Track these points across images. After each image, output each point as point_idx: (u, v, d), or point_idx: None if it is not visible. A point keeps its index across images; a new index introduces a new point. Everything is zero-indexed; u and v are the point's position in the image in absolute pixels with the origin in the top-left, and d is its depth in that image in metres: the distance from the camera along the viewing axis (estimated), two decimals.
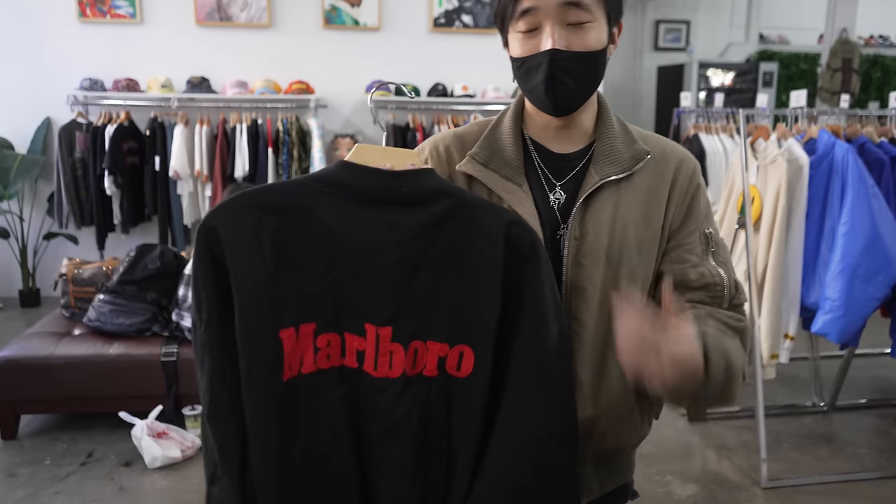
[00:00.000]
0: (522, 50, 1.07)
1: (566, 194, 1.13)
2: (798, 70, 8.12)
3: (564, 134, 1.16)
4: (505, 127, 1.17)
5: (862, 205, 2.69)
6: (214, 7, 4.94)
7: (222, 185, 4.71)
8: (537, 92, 1.08)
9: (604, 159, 1.13)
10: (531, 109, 1.16)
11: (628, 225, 1.11)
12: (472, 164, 1.13)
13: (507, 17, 1.07)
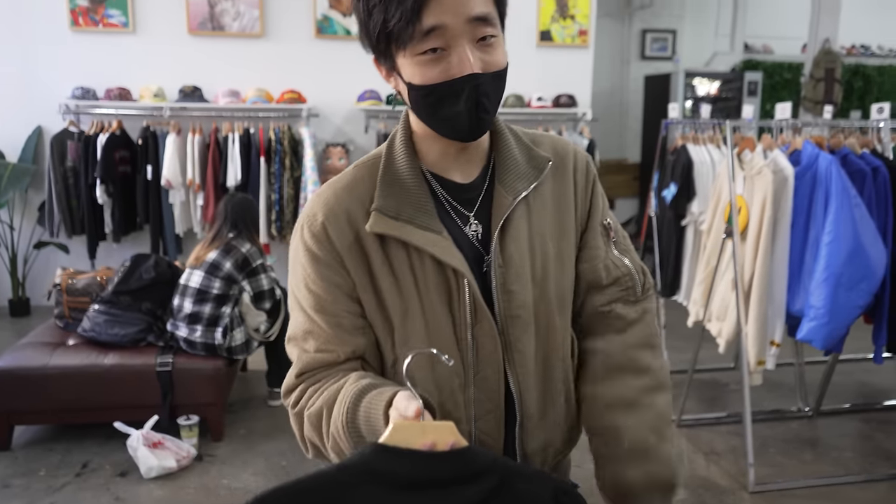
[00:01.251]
0: (429, 76, 0.94)
1: (481, 223, 1.05)
2: (782, 79, 8.24)
3: (464, 158, 1.06)
4: (401, 167, 1.03)
5: (845, 215, 2.75)
6: (207, 17, 4.97)
7: (214, 193, 4.73)
8: (457, 122, 0.97)
9: (509, 175, 1.06)
10: (425, 138, 1.05)
11: (546, 239, 1.08)
12: (384, 221, 0.99)
13: (400, 39, 0.92)
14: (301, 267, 1.05)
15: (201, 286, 3.19)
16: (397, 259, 1.01)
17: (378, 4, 0.92)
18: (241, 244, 3.31)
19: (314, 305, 1.04)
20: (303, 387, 1.05)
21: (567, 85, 5.48)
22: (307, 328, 1.05)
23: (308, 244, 1.03)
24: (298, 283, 1.06)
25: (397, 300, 1.02)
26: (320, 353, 1.04)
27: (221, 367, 3.21)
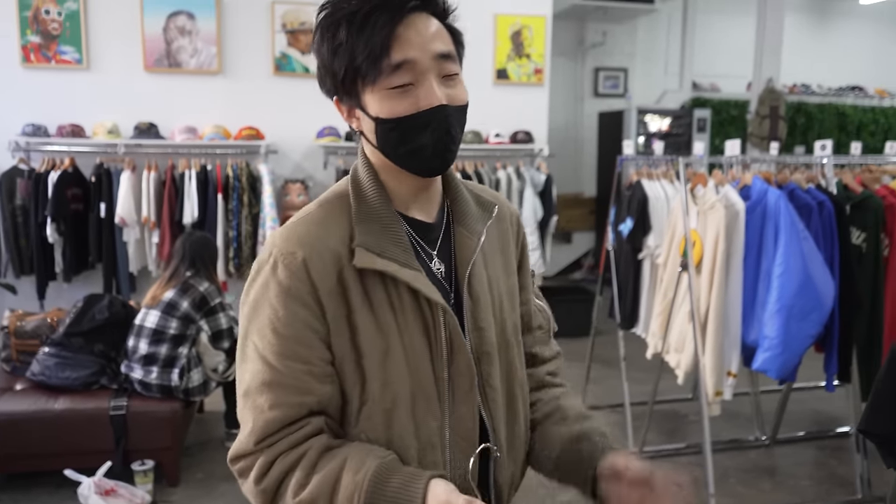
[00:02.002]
0: (397, 109, 0.96)
1: (443, 262, 1.08)
2: (729, 116, 8.54)
3: (425, 197, 1.08)
4: (374, 204, 1.03)
5: (794, 248, 2.85)
6: (163, 53, 4.94)
7: (170, 231, 4.65)
8: (424, 154, 0.98)
9: (466, 217, 1.09)
10: (390, 174, 1.05)
11: (499, 279, 1.12)
12: (369, 257, 0.98)
13: (368, 75, 0.95)
14: (269, 308, 0.98)
15: (157, 326, 3.12)
16: (377, 296, 1.00)
17: (344, 43, 0.95)
18: (198, 283, 3.25)
19: (283, 351, 0.98)
20: (265, 459, 0.98)
21: (524, 121, 5.58)
22: (267, 379, 0.98)
23: (284, 283, 0.98)
24: (262, 328, 0.99)
25: (377, 339, 0.99)
26: (280, 410, 0.97)
27: (178, 410, 3.13)
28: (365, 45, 0.93)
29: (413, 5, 0.95)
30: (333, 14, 0.97)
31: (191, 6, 4.93)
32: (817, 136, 8.50)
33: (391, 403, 1.00)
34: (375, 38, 0.93)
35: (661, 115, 7.52)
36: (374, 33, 0.93)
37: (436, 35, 0.97)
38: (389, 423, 1.00)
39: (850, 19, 9.75)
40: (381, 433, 1.00)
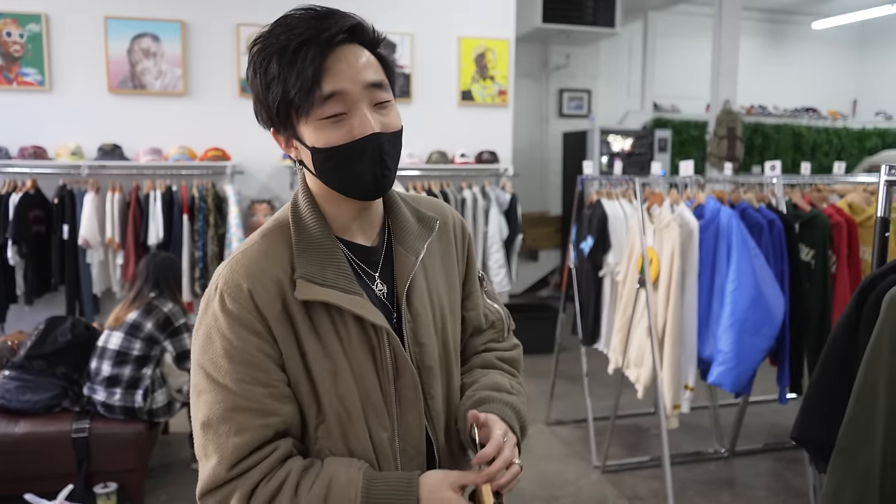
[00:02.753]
0: (332, 139, 0.99)
1: (385, 283, 1.11)
2: (689, 136, 8.76)
3: (366, 220, 1.12)
4: (314, 232, 1.06)
5: (746, 265, 2.96)
6: (128, 75, 4.94)
7: (135, 252, 4.63)
8: (362, 180, 1.02)
9: (406, 236, 1.13)
10: (329, 199, 1.08)
11: (441, 293, 1.16)
12: (311, 288, 1.01)
13: (301, 107, 0.98)
14: (222, 339, 1.00)
15: (121, 348, 3.11)
16: (322, 323, 1.03)
17: (276, 77, 0.98)
18: (162, 304, 3.25)
19: (241, 377, 0.99)
20: (242, 491, 0.97)
21: (489, 142, 5.68)
22: (229, 405, 0.98)
23: (232, 313, 1.00)
24: (216, 358, 1.00)
25: (325, 363, 1.03)
26: (248, 434, 0.98)
27: (142, 431, 3.11)
28: (297, 78, 0.96)
29: (341, 38, 0.98)
30: (265, 49, 0.99)
31: (155, 29, 4.95)
32: (774, 156, 8.77)
33: (346, 419, 1.04)
34: (306, 70, 0.96)
35: (623, 136, 7.69)
36: (305, 66, 0.96)
37: (366, 65, 1.01)
38: (346, 438, 1.05)
39: (804, 43, 10.11)
40: (340, 448, 1.05)
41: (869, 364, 1.22)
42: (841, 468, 1.25)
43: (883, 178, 1.47)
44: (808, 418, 1.30)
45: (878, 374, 1.22)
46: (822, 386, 1.31)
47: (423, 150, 5.46)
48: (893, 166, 1.44)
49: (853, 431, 1.24)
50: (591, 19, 7.19)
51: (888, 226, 1.48)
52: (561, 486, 3.39)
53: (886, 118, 9.98)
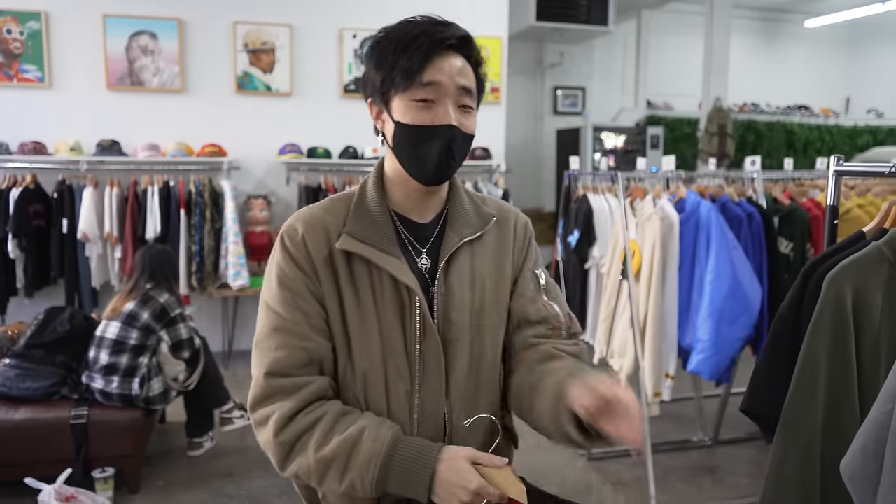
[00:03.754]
0: (416, 118, 1.15)
1: (431, 259, 1.25)
2: (682, 133, 8.85)
3: (425, 201, 1.26)
4: (372, 202, 1.23)
5: (724, 256, 3.05)
6: (126, 72, 5.03)
7: (133, 246, 4.72)
8: (428, 161, 1.16)
9: (458, 222, 1.27)
10: (396, 179, 1.24)
11: (485, 279, 1.27)
12: (352, 242, 1.18)
13: (400, 83, 1.14)
14: (277, 268, 1.19)
15: (118, 337, 3.20)
16: (360, 276, 1.19)
17: (390, 57, 1.15)
18: (158, 294, 3.34)
19: (287, 302, 1.17)
20: (285, 411, 1.13)
21: (482, 138, 5.77)
22: (274, 325, 1.17)
23: (288, 249, 1.19)
24: (272, 285, 1.19)
25: (356, 313, 1.18)
26: (285, 351, 1.15)
27: (139, 418, 3.20)
28: (407, 60, 1.13)
29: (450, 43, 1.16)
30: (388, 36, 1.18)
31: (153, 27, 5.04)
32: (766, 153, 8.86)
33: (369, 366, 1.19)
34: (416, 56, 1.13)
35: (616, 133, 7.77)
36: (416, 53, 1.13)
37: (462, 71, 1.17)
38: (366, 384, 1.19)
39: (797, 41, 10.19)
40: (361, 393, 1.19)
41: (810, 341, 1.32)
42: (785, 439, 1.34)
43: (832, 168, 1.56)
44: (756, 393, 1.39)
45: (819, 350, 1.31)
46: (768, 362, 1.40)
47: None
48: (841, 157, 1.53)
49: (796, 405, 1.33)
50: (584, 17, 7.27)
51: (838, 213, 1.58)
52: (548, 474, 3.48)
53: (878, 115, 10.07)
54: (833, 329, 1.30)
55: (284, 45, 5.28)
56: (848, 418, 1.30)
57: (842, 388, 1.30)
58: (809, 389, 1.32)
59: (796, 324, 1.37)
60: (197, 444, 3.59)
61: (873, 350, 1.32)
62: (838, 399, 1.30)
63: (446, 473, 1.08)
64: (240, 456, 3.59)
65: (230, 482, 3.31)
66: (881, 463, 1.14)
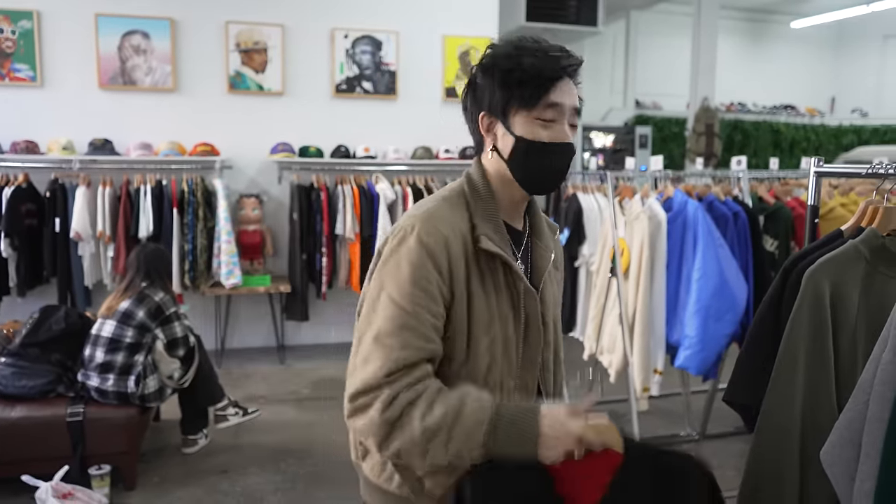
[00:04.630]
0: (541, 135, 1.22)
1: (524, 264, 1.34)
2: (671, 132, 8.94)
3: (518, 210, 1.34)
4: (490, 207, 1.28)
5: (711, 254, 3.12)
6: (118, 71, 5.05)
7: (125, 245, 4.74)
8: (544, 174, 1.26)
9: (543, 235, 1.38)
10: (501, 186, 1.29)
11: (554, 285, 1.41)
12: (492, 244, 1.24)
13: (528, 102, 1.22)
14: (409, 265, 1.18)
15: (114, 335, 3.23)
16: (489, 276, 1.25)
17: (523, 69, 1.21)
18: (154, 293, 3.37)
19: (419, 301, 1.17)
20: (389, 392, 1.13)
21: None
22: (402, 322, 1.16)
23: (428, 245, 1.19)
24: (402, 281, 1.18)
25: (485, 310, 1.24)
26: (409, 351, 1.15)
27: (134, 415, 3.24)
28: (536, 80, 1.21)
29: (570, 71, 1.24)
30: (517, 48, 1.24)
31: (146, 26, 5.06)
32: (754, 153, 8.97)
33: (490, 362, 1.25)
34: (545, 78, 1.21)
35: (605, 132, 7.85)
36: (545, 75, 1.21)
37: (575, 94, 1.26)
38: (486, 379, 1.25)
39: (783, 42, 10.31)
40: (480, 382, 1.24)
41: (790, 335, 1.38)
42: (765, 428, 1.40)
43: (812, 169, 1.62)
44: (739, 384, 1.45)
45: (798, 343, 1.37)
46: (750, 355, 1.46)
47: (409, 146, 5.59)
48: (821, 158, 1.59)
49: (776, 395, 1.39)
50: (574, 18, 7.33)
51: (818, 213, 1.64)
52: None
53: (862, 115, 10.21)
54: (811, 323, 1.36)
55: (276, 45, 5.31)
56: (825, 409, 1.36)
57: (819, 381, 1.36)
58: (788, 381, 1.38)
59: (776, 318, 1.43)
60: (192, 441, 3.63)
61: (850, 344, 1.38)
62: (816, 390, 1.36)
63: (550, 427, 1.12)
64: (234, 453, 3.62)
65: (225, 479, 3.35)
66: (858, 451, 1.20)
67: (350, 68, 5.52)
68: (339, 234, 5.15)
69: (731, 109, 9.36)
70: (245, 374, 4.93)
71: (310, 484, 3.30)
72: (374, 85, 5.58)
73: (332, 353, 5.44)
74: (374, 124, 5.59)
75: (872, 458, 1.16)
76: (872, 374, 1.18)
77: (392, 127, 5.61)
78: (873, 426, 1.16)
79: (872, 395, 1.17)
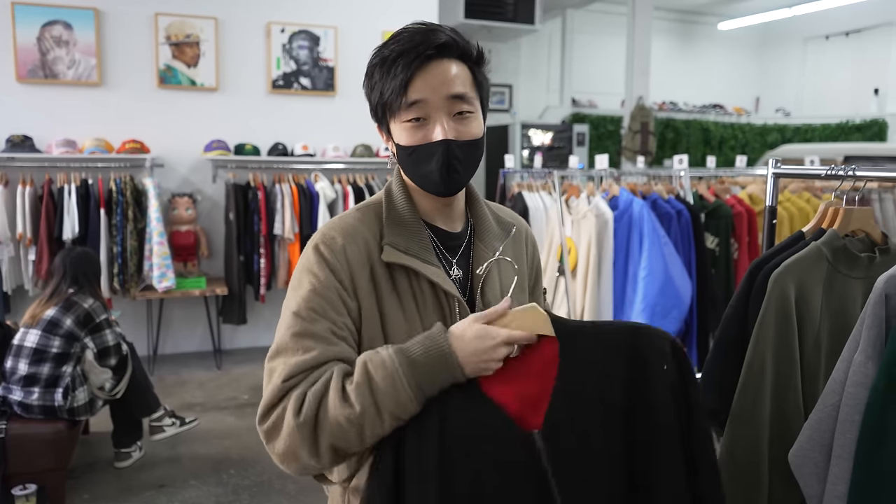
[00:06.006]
0: (412, 139, 1.14)
1: (461, 269, 1.23)
2: (606, 130, 9.09)
3: (447, 212, 1.24)
4: (403, 212, 1.20)
5: (656, 252, 3.15)
6: (38, 64, 4.75)
7: (48, 248, 4.48)
8: (431, 178, 1.15)
9: (487, 234, 1.26)
10: (416, 191, 1.22)
11: (508, 289, 1.26)
12: (396, 253, 1.15)
13: (392, 109, 1.14)
14: (311, 276, 1.12)
15: (38, 345, 3.03)
16: (402, 286, 1.16)
17: (378, 81, 1.15)
18: (82, 299, 3.18)
19: (318, 309, 1.10)
20: (296, 395, 1.04)
21: None
22: (301, 330, 1.08)
23: (325, 256, 1.13)
24: (301, 292, 1.11)
25: (402, 323, 1.14)
26: (310, 354, 1.06)
27: (62, 430, 3.04)
28: (390, 83, 1.12)
29: (430, 53, 1.11)
30: (373, 58, 1.16)
31: (67, 16, 4.78)
32: (685, 150, 9.21)
33: None
34: (397, 79, 1.11)
35: (543, 130, 7.90)
36: (396, 75, 1.11)
37: (452, 79, 1.13)
38: None
39: (711, 43, 10.63)
40: None
41: (757, 337, 1.37)
42: (734, 431, 1.40)
43: (770, 170, 1.63)
44: (707, 387, 1.44)
45: (766, 346, 1.37)
46: (717, 359, 1.45)
47: (348, 144, 5.49)
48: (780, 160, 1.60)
49: (745, 398, 1.38)
50: (511, 16, 7.36)
51: (776, 214, 1.65)
52: None
53: (785, 115, 10.63)
54: (778, 325, 1.36)
55: (209, 39, 5.11)
56: (793, 410, 1.36)
57: (787, 382, 1.36)
58: (757, 383, 1.37)
59: (743, 321, 1.42)
60: (125, 455, 3.44)
61: (815, 345, 1.38)
62: (784, 392, 1.36)
63: (467, 343, 1.04)
64: (172, 465, 3.46)
65: (162, 493, 3.19)
66: (827, 452, 1.20)
67: (287, 64, 5.36)
68: (278, 234, 5.01)
69: (663, 108, 9.58)
70: (180, 380, 4.73)
71: (254, 495, 3.18)
72: (312, 81, 5.44)
73: None
74: (312, 121, 5.45)
75: (845, 460, 1.15)
76: (843, 375, 1.18)
77: (331, 124, 5.49)
78: (845, 428, 1.16)
79: (844, 397, 1.16)
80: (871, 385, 1.13)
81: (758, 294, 1.39)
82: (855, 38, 10.40)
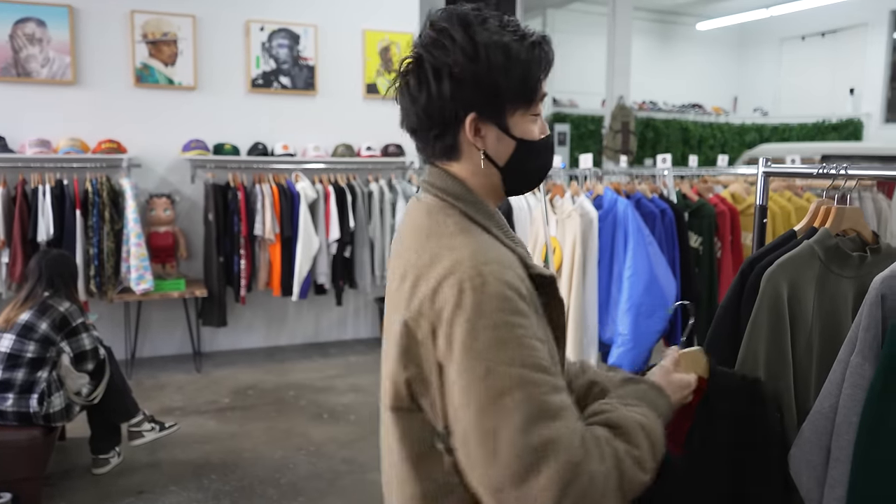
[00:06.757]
0: (533, 132, 1.05)
1: None
2: (587, 130, 9.11)
3: None
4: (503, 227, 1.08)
5: (641, 252, 3.14)
6: (10, 62, 4.65)
7: (22, 250, 4.38)
8: (541, 173, 1.09)
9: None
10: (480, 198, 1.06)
11: None
12: (536, 268, 1.03)
13: (528, 97, 1.03)
14: (510, 323, 0.90)
15: (13, 350, 2.95)
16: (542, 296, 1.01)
17: (520, 62, 1.00)
18: (58, 303, 3.11)
19: (548, 356, 0.93)
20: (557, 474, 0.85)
21: (395, 135, 5.71)
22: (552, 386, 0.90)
23: (522, 292, 0.94)
24: (513, 347, 0.89)
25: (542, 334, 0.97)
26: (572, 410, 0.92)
27: (37, 437, 2.97)
28: (534, 73, 1.02)
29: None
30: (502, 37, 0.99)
31: (41, 13, 4.68)
32: (665, 149, 9.27)
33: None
34: (544, 65, 1.03)
35: None
36: (543, 61, 1.03)
37: None
38: None
39: (690, 43, 10.71)
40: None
41: (750, 336, 1.36)
42: None
43: (761, 169, 1.62)
44: None
45: (759, 344, 1.35)
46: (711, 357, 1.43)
47: (329, 144, 5.43)
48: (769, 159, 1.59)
49: None
50: None
51: (766, 213, 1.64)
52: None
53: (763, 114, 10.73)
54: (770, 324, 1.34)
55: (187, 37, 5.03)
56: (786, 410, 1.35)
57: (780, 381, 1.35)
58: None
59: (735, 320, 1.41)
60: (103, 461, 3.37)
61: (807, 344, 1.37)
62: (777, 394, 1.34)
63: (673, 392, 1.14)
64: (151, 471, 3.39)
65: (141, 500, 3.13)
66: (826, 455, 1.18)
67: (267, 62, 5.30)
68: (258, 234, 4.95)
69: (643, 108, 9.63)
70: (159, 384, 4.65)
71: (236, 501, 3.12)
72: (292, 80, 5.38)
73: (252, 359, 5.22)
74: (292, 121, 5.39)
75: (843, 462, 1.14)
76: (840, 377, 1.17)
77: (312, 124, 5.43)
78: (843, 430, 1.15)
79: (842, 399, 1.15)
80: (868, 386, 1.12)
81: (750, 292, 1.37)
82: (831, 39, 10.53)
